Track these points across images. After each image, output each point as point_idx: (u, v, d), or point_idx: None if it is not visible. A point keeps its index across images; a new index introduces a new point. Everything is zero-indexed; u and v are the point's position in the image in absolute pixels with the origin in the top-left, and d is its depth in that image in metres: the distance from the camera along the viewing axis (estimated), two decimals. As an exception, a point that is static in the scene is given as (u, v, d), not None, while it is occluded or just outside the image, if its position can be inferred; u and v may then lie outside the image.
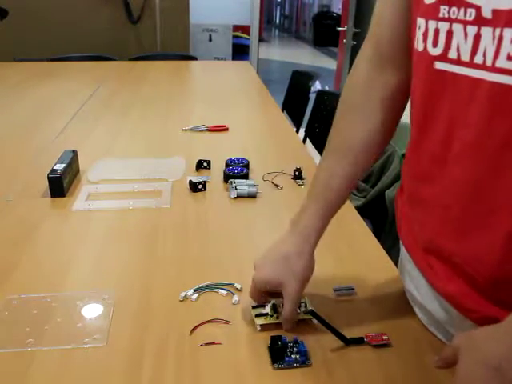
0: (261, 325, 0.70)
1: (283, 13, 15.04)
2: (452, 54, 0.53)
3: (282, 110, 2.30)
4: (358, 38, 3.54)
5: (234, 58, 4.64)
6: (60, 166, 1.12)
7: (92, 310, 0.73)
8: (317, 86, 5.25)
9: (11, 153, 1.40)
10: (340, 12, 7.86)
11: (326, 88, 5.06)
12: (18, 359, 0.64)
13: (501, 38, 0.47)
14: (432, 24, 0.55)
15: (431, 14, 0.55)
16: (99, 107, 1.89)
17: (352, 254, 0.90)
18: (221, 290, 0.78)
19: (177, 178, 1.21)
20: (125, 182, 1.19)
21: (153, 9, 3.69)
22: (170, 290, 0.78)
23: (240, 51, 4.83)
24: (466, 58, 0.52)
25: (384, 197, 1.56)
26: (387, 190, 1.57)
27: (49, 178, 1.10)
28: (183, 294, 0.76)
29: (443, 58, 0.54)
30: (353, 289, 0.78)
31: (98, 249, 0.91)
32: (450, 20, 0.53)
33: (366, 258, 0.89)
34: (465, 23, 0.51)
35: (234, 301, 0.76)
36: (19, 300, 0.75)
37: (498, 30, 0.47)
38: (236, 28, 4.82)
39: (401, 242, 0.74)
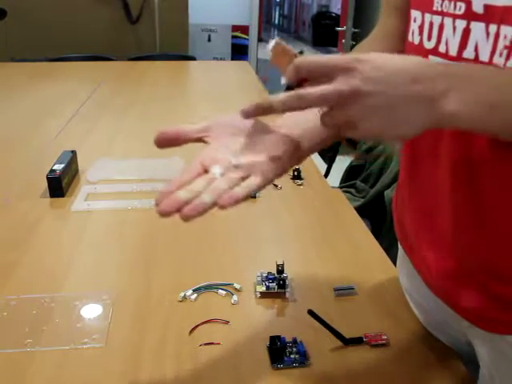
0: (261, 292, 0.75)
1: (282, 13, 15.03)
2: (442, 48, 0.53)
3: (281, 110, 2.29)
4: (357, 38, 3.54)
5: (233, 58, 4.64)
6: (59, 167, 1.12)
7: (91, 311, 0.73)
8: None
9: (10, 153, 1.40)
10: (339, 12, 7.86)
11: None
12: (16, 360, 0.64)
13: (497, 35, 0.46)
14: (427, 17, 0.55)
15: (427, 6, 0.55)
16: (98, 107, 1.89)
17: (351, 254, 0.90)
18: (220, 290, 0.78)
19: (176, 178, 1.21)
20: (124, 182, 1.19)
21: (152, 9, 3.68)
22: (169, 290, 0.78)
23: (239, 51, 4.83)
24: (453, 52, 0.51)
25: (383, 197, 1.56)
26: (386, 190, 1.57)
27: (48, 178, 1.09)
28: (182, 294, 0.76)
29: (435, 51, 0.54)
30: (353, 288, 0.78)
31: (97, 249, 0.91)
32: (442, 13, 0.52)
33: (366, 257, 0.89)
34: (454, 17, 0.51)
35: (233, 301, 0.76)
36: (18, 300, 0.75)
37: (493, 27, 0.47)
38: (235, 28, 4.82)
39: (399, 242, 0.74)
